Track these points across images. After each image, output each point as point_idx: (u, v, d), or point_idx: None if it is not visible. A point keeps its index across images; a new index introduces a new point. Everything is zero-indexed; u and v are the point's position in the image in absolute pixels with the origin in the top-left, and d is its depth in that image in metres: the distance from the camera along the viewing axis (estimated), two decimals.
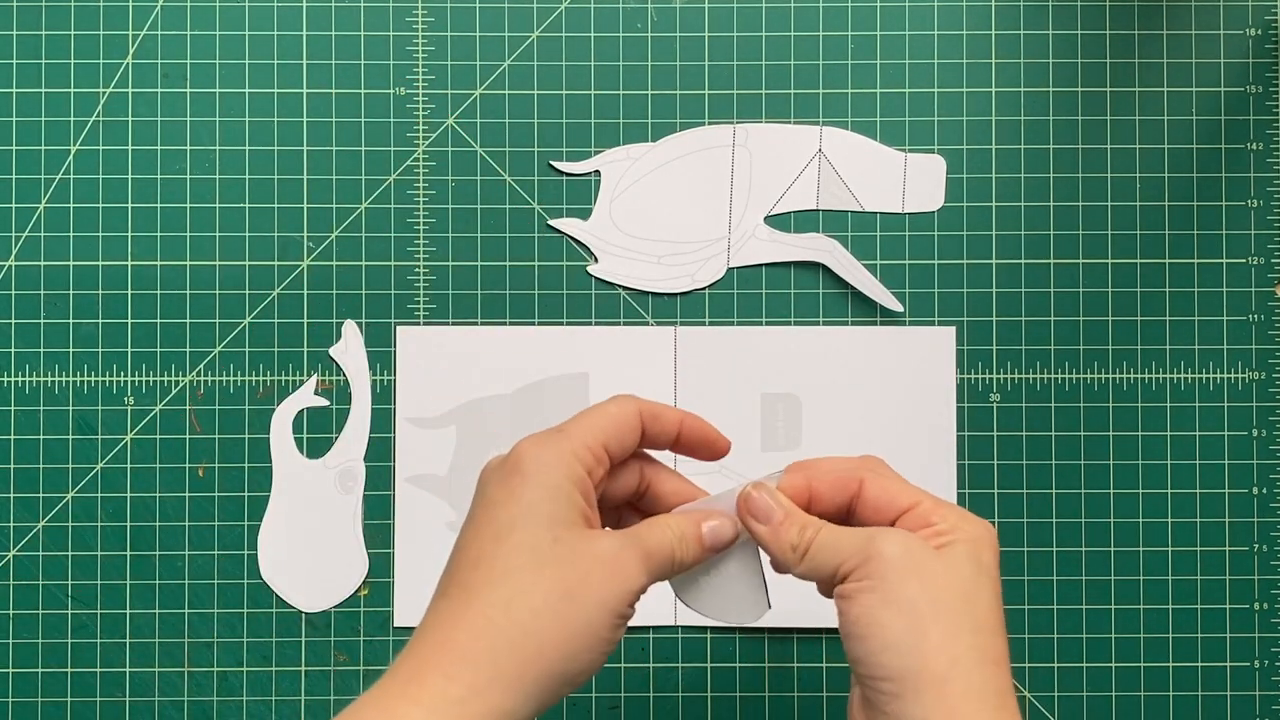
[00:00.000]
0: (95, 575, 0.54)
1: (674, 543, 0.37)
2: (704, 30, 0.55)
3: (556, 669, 0.34)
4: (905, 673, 0.34)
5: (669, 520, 0.38)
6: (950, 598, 0.35)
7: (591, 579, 0.35)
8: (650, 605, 0.54)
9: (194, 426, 0.55)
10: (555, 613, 0.34)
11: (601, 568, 0.35)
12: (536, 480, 0.36)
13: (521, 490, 0.36)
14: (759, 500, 0.38)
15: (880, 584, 0.35)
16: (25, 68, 0.55)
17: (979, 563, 0.36)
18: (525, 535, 0.35)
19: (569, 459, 0.36)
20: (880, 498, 0.38)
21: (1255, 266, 0.55)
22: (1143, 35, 0.56)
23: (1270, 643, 0.55)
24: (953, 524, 0.37)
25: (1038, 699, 0.54)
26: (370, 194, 0.55)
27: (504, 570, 0.35)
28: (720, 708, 0.54)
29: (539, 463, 0.36)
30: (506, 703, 0.34)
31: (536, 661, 0.34)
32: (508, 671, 0.34)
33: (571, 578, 0.35)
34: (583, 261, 0.55)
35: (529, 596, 0.34)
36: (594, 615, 0.35)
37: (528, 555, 0.35)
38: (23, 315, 0.55)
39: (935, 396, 0.55)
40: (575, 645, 0.35)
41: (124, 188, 0.55)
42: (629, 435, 0.38)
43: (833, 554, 0.37)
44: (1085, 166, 0.55)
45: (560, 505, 0.36)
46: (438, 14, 0.56)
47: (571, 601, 0.35)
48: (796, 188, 0.55)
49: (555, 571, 0.35)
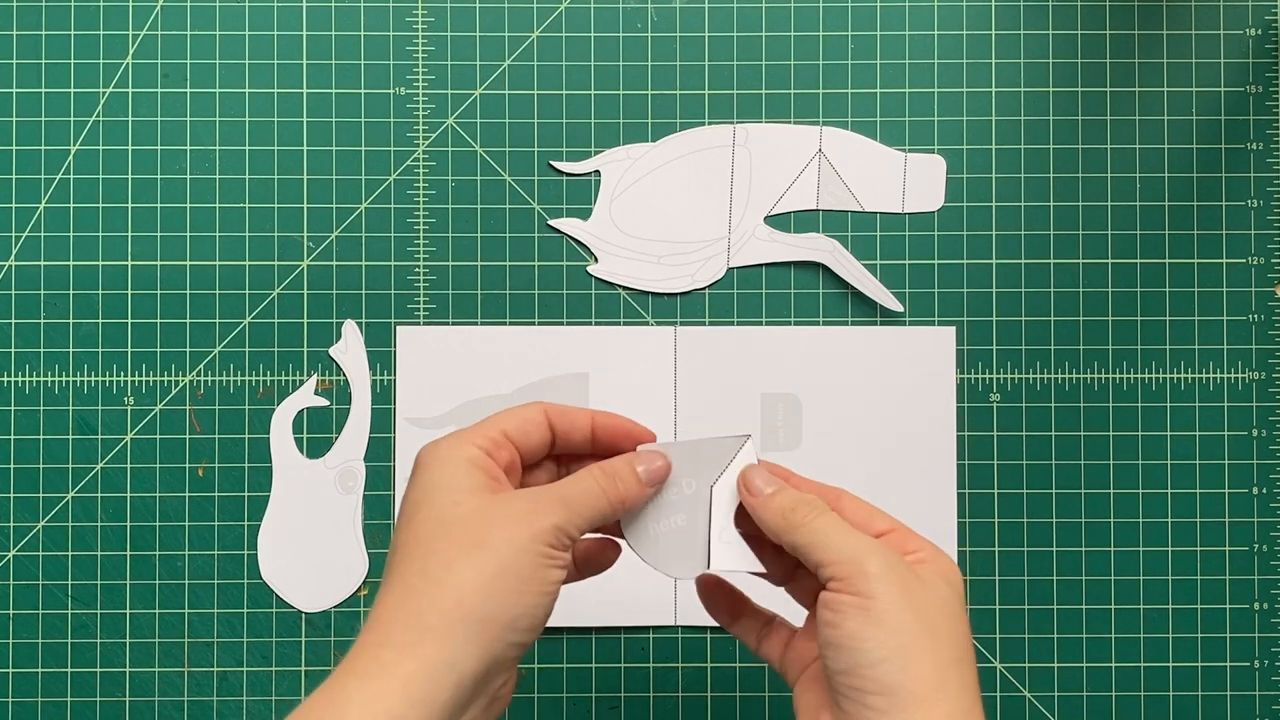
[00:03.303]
0: (95, 575, 0.54)
1: (600, 484, 0.38)
2: (704, 30, 0.55)
3: (486, 614, 0.35)
4: (896, 689, 0.35)
5: (589, 468, 0.39)
6: (939, 623, 0.36)
7: (500, 525, 0.36)
8: (650, 605, 0.54)
9: (194, 426, 0.55)
10: (470, 561, 0.35)
11: (509, 514, 0.36)
12: (434, 466, 0.37)
13: (421, 477, 0.37)
14: (755, 476, 0.40)
15: (871, 602, 0.36)
16: (25, 68, 0.55)
17: (955, 594, 0.37)
18: (429, 510, 0.37)
19: (463, 444, 0.38)
20: (857, 515, 0.39)
21: (1255, 266, 0.55)
22: (1143, 35, 0.56)
23: (1270, 643, 0.55)
24: (931, 554, 0.38)
25: (1038, 699, 0.54)
26: (370, 194, 0.55)
27: (414, 542, 0.36)
28: (720, 708, 0.54)
29: (434, 454, 0.38)
30: (442, 654, 0.34)
31: (459, 609, 0.35)
32: (435, 626, 0.35)
33: (478, 529, 0.36)
34: (583, 261, 0.55)
35: (440, 555, 0.36)
36: (508, 556, 0.35)
37: (434, 524, 0.36)
38: (23, 315, 0.55)
39: (935, 396, 0.55)
40: (501, 589, 0.35)
41: (124, 188, 0.55)
42: (533, 429, 0.39)
43: (826, 549, 0.37)
44: (1085, 166, 0.56)
45: (459, 478, 0.37)
46: (438, 14, 0.56)
47: (484, 548, 0.35)
48: (796, 188, 0.55)
49: (462, 527, 0.36)
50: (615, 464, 0.39)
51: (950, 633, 0.36)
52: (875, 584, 0.36)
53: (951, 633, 0.36)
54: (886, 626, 0.35)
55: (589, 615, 0.54)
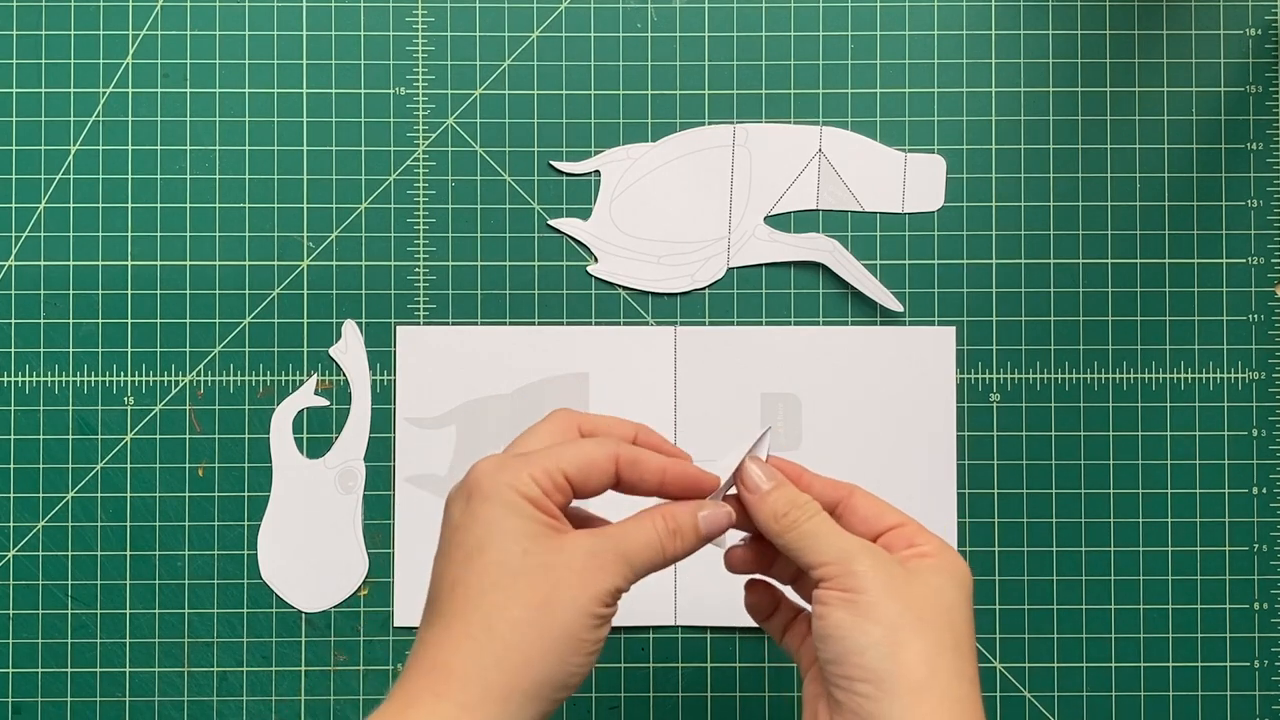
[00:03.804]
0: (95, 575, 0.54)
1: (662, 538, 0.38)
2: (704, 30, 0.55)
3: (544, 676, 0.35)
4: (884, 675, 0.35)
5: (653, 516, 0.38)
6: (931, 614, 0.36)
7: (566, 584, 0.35)
8: (650, 605, 0.54)
9: (194, 426, 0.55)
10: (533, 622, 0.35)
11: (575, 573, 0.36)
12: (496, 499, 0.36)
13: (482, 510, 0.36)
14: (750, 473, 0.40)
15: (860, 598, 0.36)
16: (25, 68, 0.55)
17: (958, 588, 0.38)
18: (494, 553, 0.36)
19: (525, 480, 0.36)
20: (869, 510, 0.40)
21: (1255, 266, 0.55)
22: (1143, 35, 0.56)
23: (1270, 643, 0.55)
24: (936, 548, 0.38)
25: (1038, 699, 0.54)
26: (370, 194, 0.55)
27: (479, 589, 0.35)
28: (720, 708, 0.54)
29: (495, 482, 0.36)
30: (502, 715, 0.34)
31: (524, 672, 0.35)
32: (496, 685, 0.34)
33: (545, 586, 0.35)
34: (583, 261, 0.55)
35: (506, 610, 0.35)
36: (573, 620, 0.35)
37: (499, 571, 0.35)
38: (23, 315, 0.55)
39: (935, 396, 0.55)
40: (560, 651, 0.35)
41: (124, 188, 0.55)
42: (597, 476, 0.38)
43: (817, 551, 0.38)
44: (1085, 166, 0.55)
45: (523, 520, 0.36)
46: (438, 14, 0.56)
47: (549, 610, 0.35)
48: (796, 188, 0.55)
49: (529, 581, 0.35)
50: (679, 515, 0.38)
51: (944, 623, 0.36)
52: (862, 579, 0.36)
53: (946, 623, 0.36)
54: (872, 616, 0.36)
55: None
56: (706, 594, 0.54)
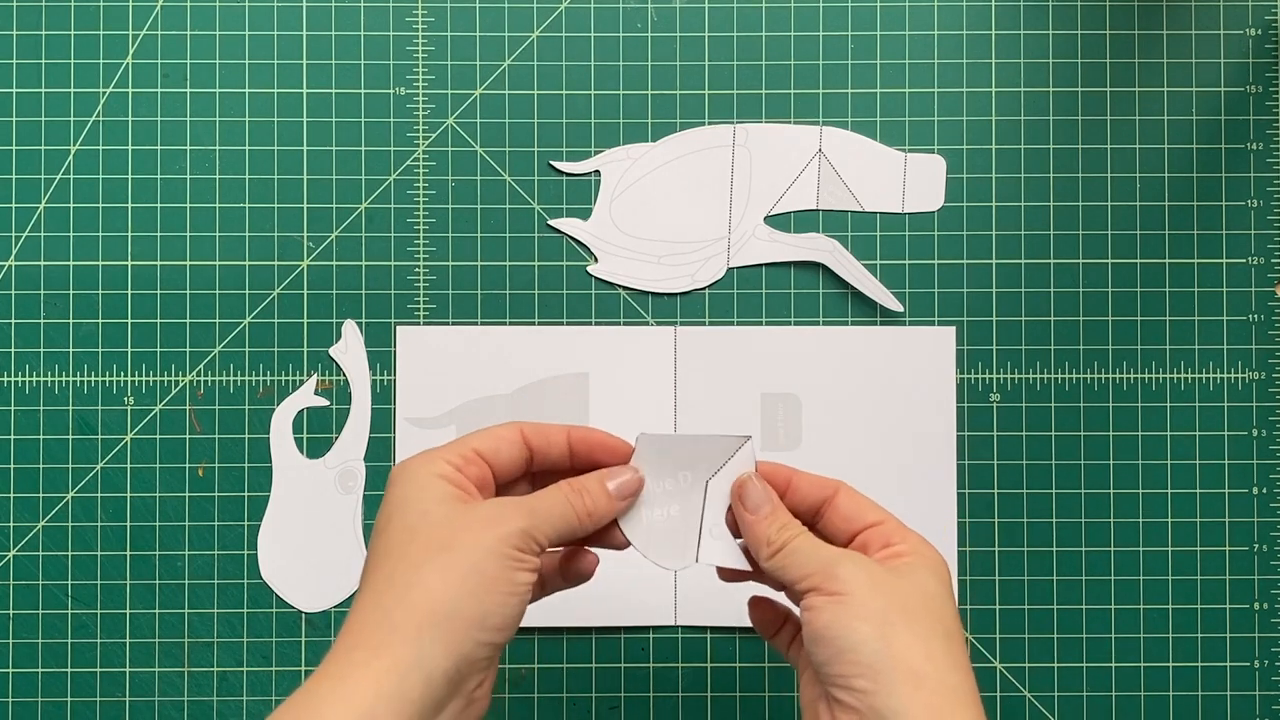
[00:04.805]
0: (95, 575, 0.54)
1: (568, 496, 0.40)
2: (704, 30, 0.55)
3: (453, 610, 0.36)
4: (879, 668, 0.36)
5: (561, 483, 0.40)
6: (917, 606, 0.37)
7: (466, 529, 0.37)
8: (650, 605, 0.54)
9: (194, 426, 0.55)
10: (435, 564, 0.36)
11: (479, 520, 0.37)
12: (404, 482, 0.39)
13: (397, 491, 0.39)
14: (752, 492, 0.41)
15: (848, 599, 0.37)
16: (25, 68, 0.55)
17: (939, 580, 0.39)
18: (400, 521, 0.38)
19: (433, 460, 0.39)
20: (850, 508, 0.41)
21: (1255, 266, 0.55)
22: (1143, 35, 0.56)
23: (1270, 643, 0.55)
24: (913, 546, 0.39)
25: (1037, 699, 0.54)
26: (370, 194, 0.55)
27: (386, 551, 0.38)
28: (720, 708, 0.54)
29: (404, 471, 0.39)
30: (410, 652, 0.35)
31: (425, 608, 0.36)
32: (402, 625, 0.36)
33: (445, 534, 0.37)
34: (583, 261, 0.55)
35: (409, 559, 0.37)
36: (474, 557, 0.37)
37: (403, 533, 0.38)
38: (23, 315, 0.55)
39: (935, 396, 0.55)
40: (469, 586, 0.36)
41: (124, 188, 0.55)
42: (507, 448, 0.40)
43: (799, 566, 0.39)
44: (1085, 166, 0.56)
45: (428, 490, 0.38)
46: (438, 14, 0.56)
47: (452, 549, 0.37)
48: (796, 188, 0.55)
49: (429, 534, 0.37)
50: (584, 479, 0.41)
51: (932, 614, 0.37)
52: (846, 582, 0.37)
53: (935, 613, 0.37)
54: (860, 613, 0.36)
55: (589, 615, 0.54)
56: (706, 594, 0.54)
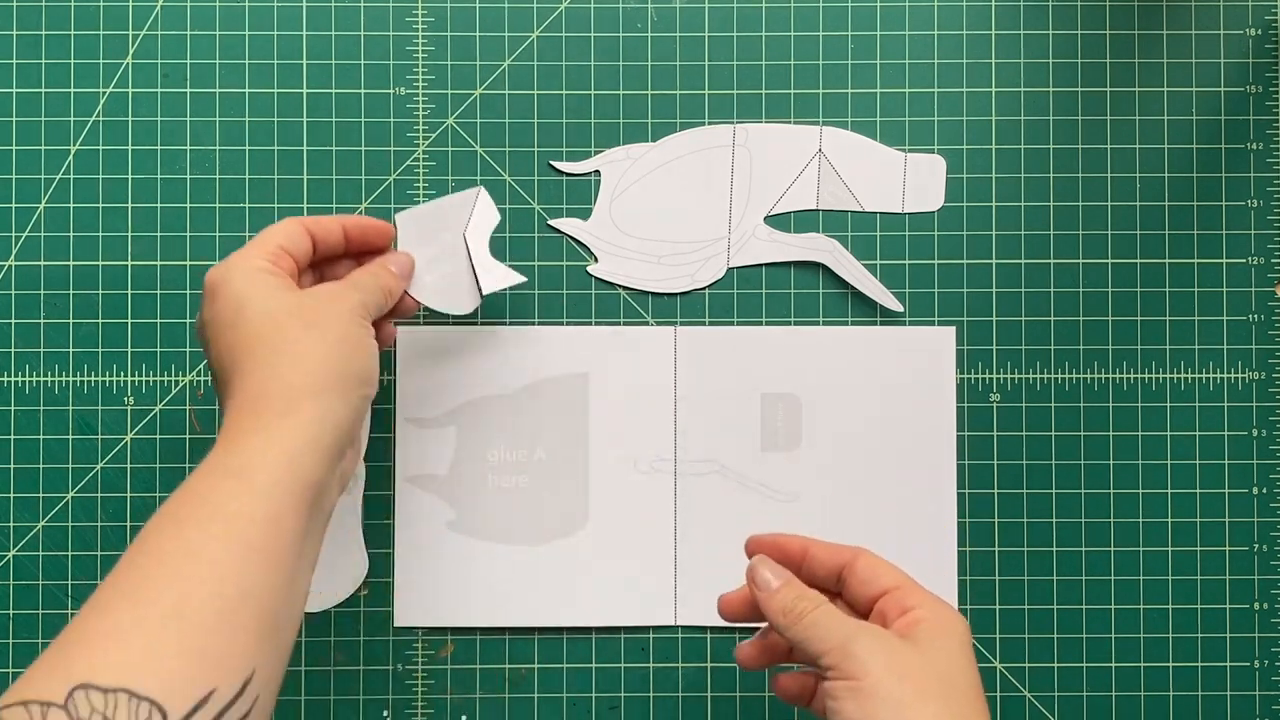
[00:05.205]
0: (95, 575, 0.54)
1: (374, 275, 0.47)
2: (704, 30, 0.55)
3: (340, 370, 0.42)
4: None
5: (364, 266, 0.48)
6: (930, 684, 0.38)
7: (323, 306, 0.43)
8: (650, 605, 0.54)
9: (194, 426, 0.55)
10: (313, 336, 0.42)
11: (324, 298, 0.44)
12: (235, 280, 0.43)
13: (228, 289, 0.42)
14: (760, 573, 0.43)
15: (863, 683, 0.38)
16: (25, 68, 0.55)
17: (953, 648, 0.40)
18: (252, 310, 0.42)
19: (252, 258, 0.43)
20: (868, 573, 0.43)
21: (1255, 266, 0.55)
22: (1143, 35, 0.56)
23: (1270, 643, 0.55)
24: (930, 610, 0.41)
25: (1037, 699, 0.54)
26: (370, 194, 0.55)
27: (253, 336, 0.41)
28: (720, 708, 0.54)
29: (229, 272, 0.43)
30: (319, 406, 0.40)
31: (321, 370, 0.41)
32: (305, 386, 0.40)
33: (309, 312, 0.42)
34: (583, 261, 0.55)
35: (285, 337, 0.41)
36: (340, 326, 0.43)
37: (263, 318, 0.42)
38: (23, 315, 0.55)
39: (935, 396, 0.55)
40: (341, 351, 0.42)
41: (124, 188, 0.55)
42: (299, 240, 0.46)
43: (820, 640, 0.40)
44: (1085, 166, 0.55)
45: (265, 284, 0.43)
46: (438, 14, 0.56)
47: (319, 325, 0.42)
48: (796, 188, 0.55)
49: (294, 313, 0.42)
50: (375, 265, 0.48)
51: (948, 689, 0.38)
52: (863, 663, 0.38)
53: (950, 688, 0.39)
54: (878, 698, 0.38)
55: (589, 615, 0.54)
56: (706, 594, 0.54)
